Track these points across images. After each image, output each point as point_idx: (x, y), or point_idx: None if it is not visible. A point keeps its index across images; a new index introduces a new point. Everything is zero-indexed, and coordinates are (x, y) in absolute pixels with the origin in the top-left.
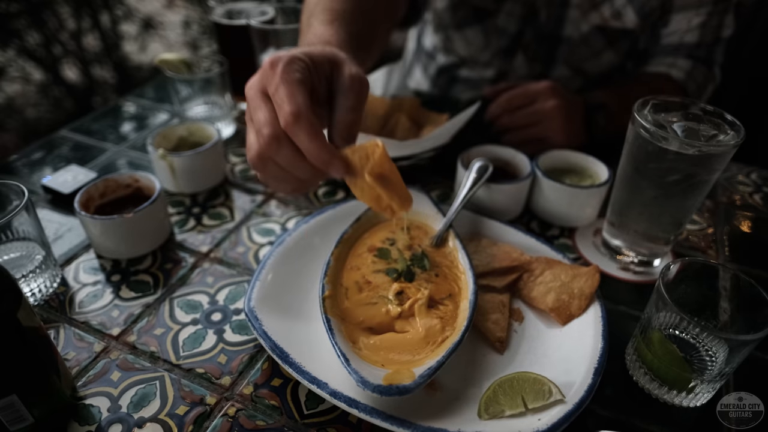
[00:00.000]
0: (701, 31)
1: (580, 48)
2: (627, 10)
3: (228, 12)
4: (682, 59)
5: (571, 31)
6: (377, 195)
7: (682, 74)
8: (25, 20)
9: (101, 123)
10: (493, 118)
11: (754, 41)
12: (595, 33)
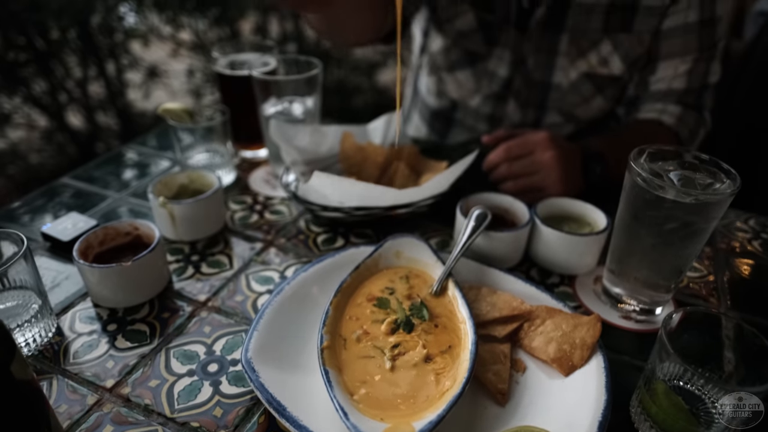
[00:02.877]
0: (688, 78)
1: (570, 94)
2: (613, 57)
3: (231, 63)
4: (672, 105)
5: (560, 78)
6: None
7: (673, 120)
8: (32, 68)
9: (103, 170)
10: (491, 167)
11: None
12: (583, 80)
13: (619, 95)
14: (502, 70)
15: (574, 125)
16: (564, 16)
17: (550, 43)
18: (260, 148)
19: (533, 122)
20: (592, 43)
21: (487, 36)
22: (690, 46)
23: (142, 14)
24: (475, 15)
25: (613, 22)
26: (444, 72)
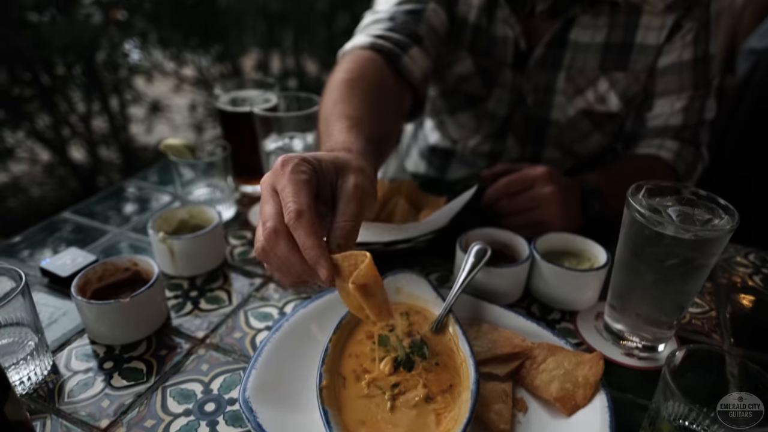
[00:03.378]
0: (685, 114)
1: (568, 131)
2: (610, 95)
3: (232, 99)
4: (669, 141)
5: (558, 115)
6: (359, 304)
7: (671, 155)
8: (37, 104)
9: (103, 205)
10: (491, 201)
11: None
12: (581, 117)
13: (616, 131)
14: (502, 110)
15: (573, 160)
16: (561, 55)
17: (548, 81)
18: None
19: (532, 158)
20: (589, 81)
21: (485, 79)
22: (685, 84)
23: (147, 51)
24: (473, 60)
25: (609, 61)
26: (445, 115)
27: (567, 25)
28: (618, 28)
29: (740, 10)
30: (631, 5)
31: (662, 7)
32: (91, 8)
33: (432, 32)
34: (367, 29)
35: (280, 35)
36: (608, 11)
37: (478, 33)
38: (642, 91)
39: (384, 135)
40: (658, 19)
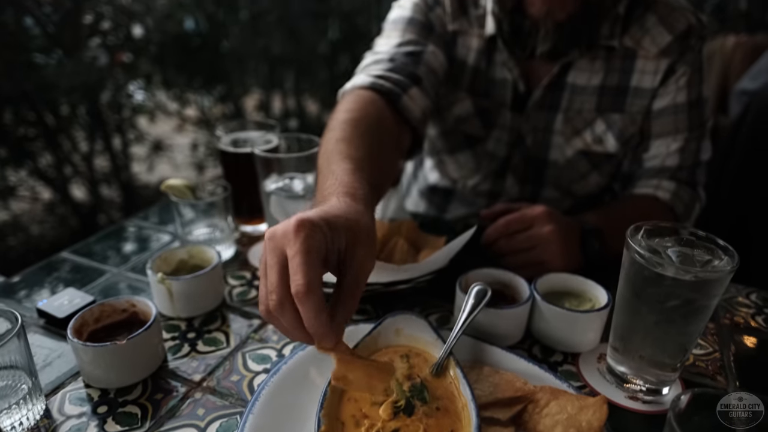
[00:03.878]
0: (681, 155)
1: (567, 171)
2: (607, 136)
3: (234, 140)
4: (666, 181)
5: (556, 155)
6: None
7: (668, 195)
8: (41, 143)
9: (103, 244)
10: (490, 241)
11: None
12: (579, 157)
13: (614, 171)
14: (501, 150)
15: (571, 200)
16: (559, 97)
17: (546, 122)
18: (261, 222)
19: (531, 197)
20: (586, 122)
21: (484, 120)
22: (680, 126)
23: (151, 92)
24: (472, 101)
25: (606, 103)
26: (444, 154)
27: (565, 68)
28: (614, 72)
29: (730, 53)
30: (626, 50)
31: (656, 52)
32: (97, 51)
33: (431, 73)
34: (368, 69)
35: (281, 76)
36: (604, 55)
37: (477, 75)
38: (638, 132)
39: (383, 175)
40: (652, 64)
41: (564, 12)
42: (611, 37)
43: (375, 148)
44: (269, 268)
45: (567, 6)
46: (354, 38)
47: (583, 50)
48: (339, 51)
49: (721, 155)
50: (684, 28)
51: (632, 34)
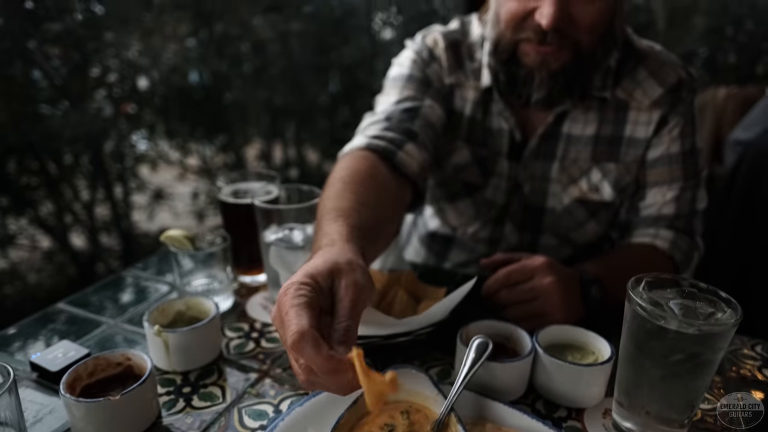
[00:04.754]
0: (677, 204)
1: (564, 219)
2: (603, 184)
3: (234, 191)
4: (664, 230)
5: (554, 203)
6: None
7: (666, 244)
8: (43, 192)
9: (100, 295)
10: (490, 293)
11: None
12: (576, 205)
13: (612, 220)
14: (500, 198)
15: (570, 248)
16: (555, 146)
17: (543, 171)
18: (259, 273)
19: (530, 245)
20: (582, 171)
21: (482, 168)
22: (675, 175)
23: (154, 142)
24: (470, 150)
25: (601, 153)
26: (444, 202)
27: (560, 118)
28: (608, 122)
29: (722, 103)
30: (618, 101)
31: (648, 103)
32: (103, 102)
33: (428, 127)
34: (365, 131)
35: (283, 126)
36: (598, 106)
37: (474, 125)
38: (634, 181)
39: (378, 223)
40: (645, 115)
41: (558, 62)
42: (603, 88)
43: (364, 198)
44: (279, 331)
45: (561, 57)
46: (354, 90)
47: (576, 100)
48: (339, 102)
49: (717, 204)
50: (674, 81)
51: (624, 87)
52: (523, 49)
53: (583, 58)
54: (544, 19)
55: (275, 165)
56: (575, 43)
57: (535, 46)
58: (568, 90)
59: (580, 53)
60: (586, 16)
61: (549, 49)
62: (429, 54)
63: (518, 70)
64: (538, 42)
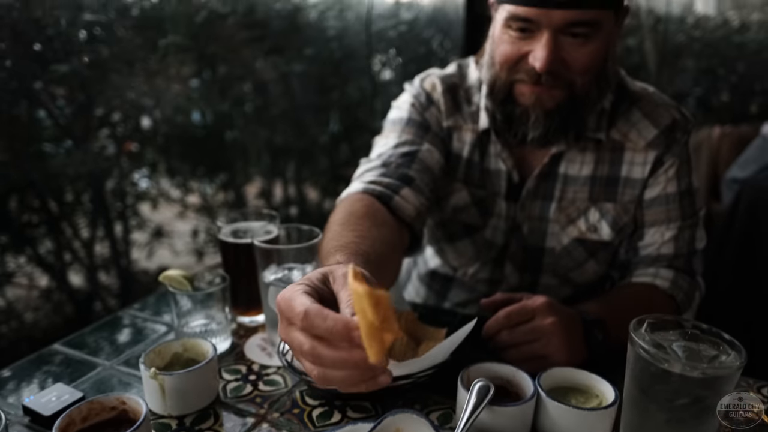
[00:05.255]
0: (676, 244)
1: (564, 258)
2: (602, 224)
3: (234, 231)
4: (664, 269)
5: (553, 243)
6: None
7: (667, 284)
8: (43, 230)
9: (96, 336)
10: (491, 334)
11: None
12: (575, 245)
13: (611, 259)
14: (499, 238)
15: (570, 288)
16: (552, 187)
17: (541, 211)
18: (258, 313)
19: (530, 285)
20: (580, 211)
21: (481, 209)
22: (673, 215)
23: (155, 179)
24: (468, 191)
25: (598, 193)
26: (444, 243)
27: (556, 159)
28: (604, 163)
29: (717, 142)
30: (614, 142)
31: (643, 144)
32: (106, 140)
33: (425, 172)
34: (362, 177)
35: (283, 165)
36: (594, 147)
37: (472, 167)
38: (632, 221)
39: (379, 255)
40: (640, 156)
41: (552, 101)
42: (598, 129)
43: (363, 231)
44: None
45: (555, 96)
46: (354, 129)
47: (571, 141)
48: (339, 141)
49: (717, 244)
50: (669, 122)
51: (619, 128)
52: (518, 89)
53: (577, 97)
54: (538, 62)
55: (275, 203)
56: (569, 84)
57: (530, 86)
58: (563, 129)
59: (574, 93)
60: (578, 58)
61: (543, 88)
62: (427, 98)
63: (514, 109)
64: (533, 83)
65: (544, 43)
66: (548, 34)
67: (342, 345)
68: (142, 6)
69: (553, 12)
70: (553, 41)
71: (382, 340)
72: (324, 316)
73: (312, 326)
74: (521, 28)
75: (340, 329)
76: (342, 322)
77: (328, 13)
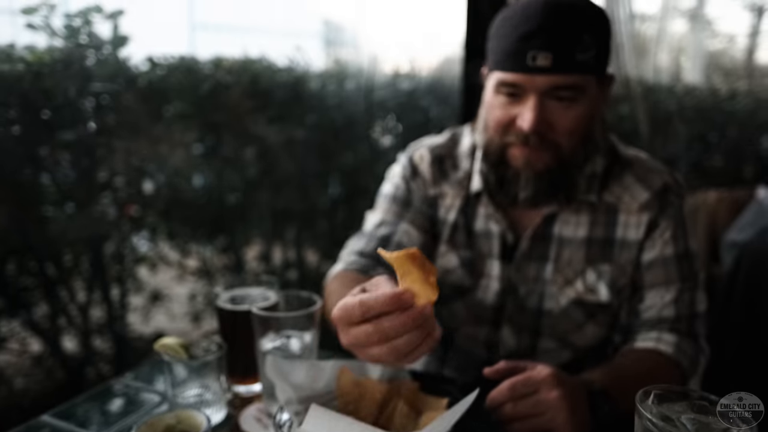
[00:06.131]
0: (676, 306)
1: (562, 321)
2: (600, 285)
3: (232, 297)
4: (666, 334)
5: (551, 304)
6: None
7: (671, 349)
8: (39, 293)
9: (87, 405)
10: (494, 406)
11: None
12: (573, 307)
13: (611, 322)
14: (492, 299)
15: (571, 352)
16: (547, 248)
17: (537, 272)
18: (254, 382)
19: (528, 348)
20: (577, 272)
21: (470, 270)
22: (672, 277)
23: (155, 242)
24: (456, 254)
25: (594, 254)
26: (438, 305)
27: (549, 220)
28: (599, 225)
29: (714, 206)
30: (608, 204)
31: (637, 207)
32: (107, 204)
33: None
34: (344, 258)
35: (283, 228)
36: (588, 209)
37: (459, 230)
38: (630, 282)
39: None
40: (634, 217)
41: (541, 162)
42: (589, 192)
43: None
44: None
45: (543, 158)
46: (354, 194)
47: (563, 203)
48: (340, 205)
49: (720, 308)
50: (661, 186)
51: (612, 191)
52: (510, 152)
53: (565, 160)
54: (525, 123)
55: (275, 266)
56: (556, 146)
57: (520, 148)
58: (553, 190)
59: (561, 155)
60: (564, 121)
61: (532, 150)
62: (413, 170)
63: (507, 172)
64: (522, 144)
65: (531, 106)
66: (534, 98)
67: (397, 313)
68: (149, 77)
69: (538, 77)
70: (539, 104)
71: (429, 282)
72: (374, 297)
73: (369, 309)
74: (510, 93)
75: (390, 296)
76: (389, 293)
77: (329, 83)
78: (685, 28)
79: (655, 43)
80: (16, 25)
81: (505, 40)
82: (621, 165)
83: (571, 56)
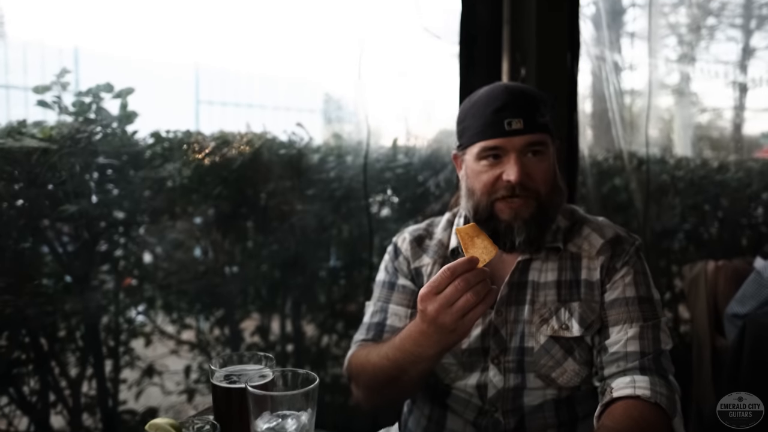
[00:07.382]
0: (641, 341)
1: (543, 357)
2: (572, 322)
3: (227, 374)
4: (638, 376)
5: (531, 342)
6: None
7: (648, 392)
8: (29, 368)
9: None
10: None
11: None
12: (551, 343)
13: (588, 359)
14: (475, 343)
15: (555, 390)
16: (524, 293)
17: (516, 314)
18: None
19: (516, 387)
20: (551, 311)
21: None
22: (634, 315)
23: (151, 316)
24: None
25: (565, 294)
26: None
27: (524, 267)
28: (566, 269)
29: (713, 276)
30: (571, 253)
31: (594, 252)
32: (106, 275)
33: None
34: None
35: (281, 300)
36: (555, 256)
37: None
38: (598, 319)
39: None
40: (594, 261)
41: (527, 211)
42: (555, 241)
43: None
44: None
45: (529, 206)
46: (353, 265)
47: (532, 251)
48: (338, 277)
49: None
50: (613, 236)
51: (574, 242)
52: (498, 207)
53: (544, 206)
54: (512, 175)
55: (272, 340)
56: (537, 194)
57: (507, 201)
58: (539, 234)
59: (541, 202)
60: (539, 172)
61: (518, 200)
62: (396, 252)
63: (498, 225)
64: (509, 196)
65: (513, 161)
66: (514, 155)
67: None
68: (154, 150)
69: (515, 138)
70: (519, 160)
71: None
72: (456, 262)
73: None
74: (493, 155)
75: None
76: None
77: (329, 157)
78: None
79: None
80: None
81: (480, 117)
82: (580, 223)
83: (535, 119)
